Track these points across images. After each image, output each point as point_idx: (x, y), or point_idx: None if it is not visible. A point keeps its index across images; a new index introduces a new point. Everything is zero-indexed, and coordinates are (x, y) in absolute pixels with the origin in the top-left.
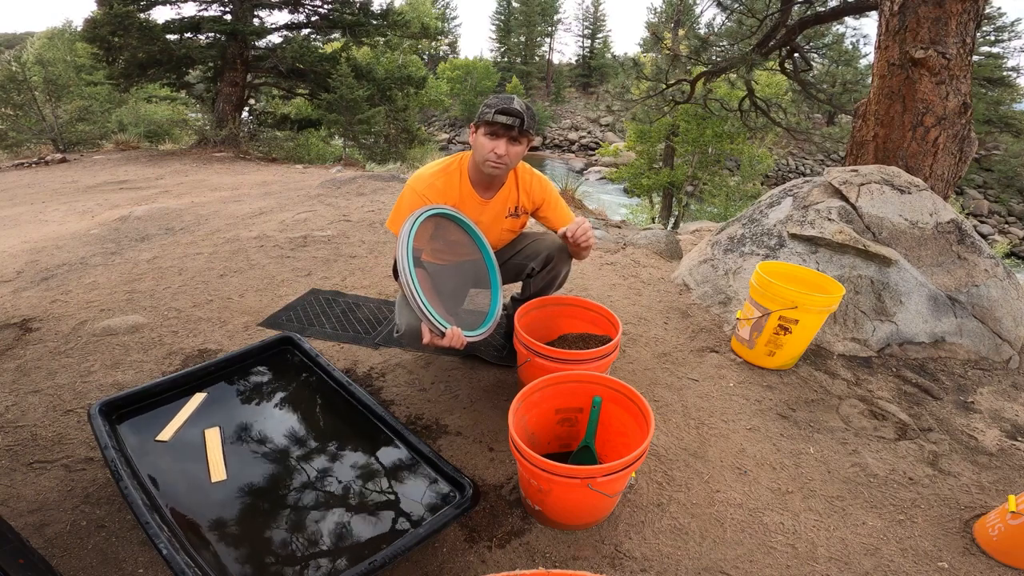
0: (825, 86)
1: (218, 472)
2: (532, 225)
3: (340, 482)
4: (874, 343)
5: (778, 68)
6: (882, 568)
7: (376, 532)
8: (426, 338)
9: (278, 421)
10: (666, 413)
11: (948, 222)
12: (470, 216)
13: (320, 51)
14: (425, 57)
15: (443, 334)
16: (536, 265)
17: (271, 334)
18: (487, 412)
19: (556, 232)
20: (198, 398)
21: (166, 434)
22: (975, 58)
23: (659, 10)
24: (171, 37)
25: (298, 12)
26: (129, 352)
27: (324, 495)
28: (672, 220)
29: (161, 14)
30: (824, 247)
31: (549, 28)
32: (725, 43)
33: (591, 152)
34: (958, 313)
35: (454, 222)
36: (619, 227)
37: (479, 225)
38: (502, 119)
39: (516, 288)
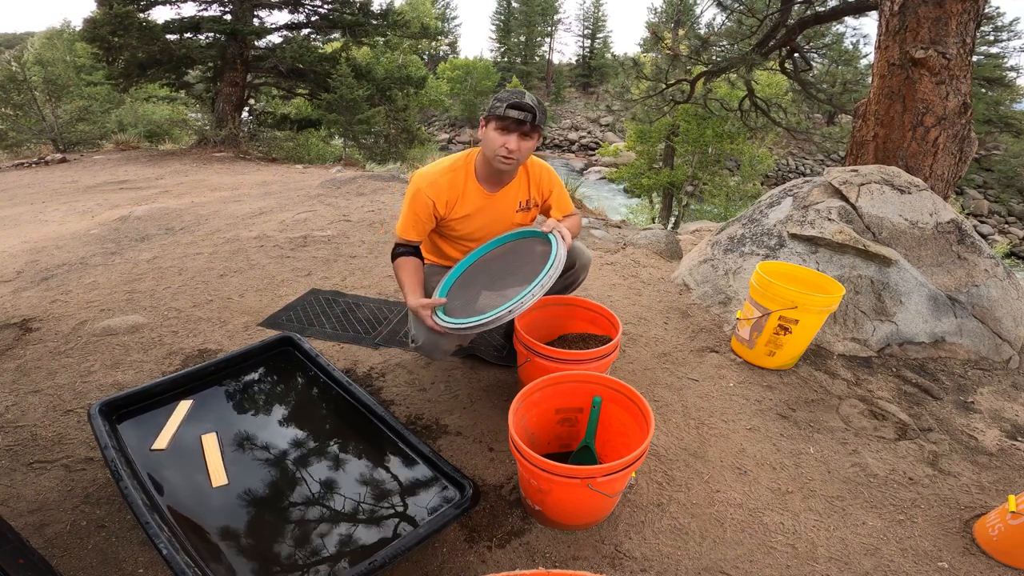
0: (825, 86)
1: (219, 477)
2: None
3: (340, 482)
4: (874, 343)
5: (778, 68)
6: (882, 568)
7: (376, 532)
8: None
9: (278, 422)
10: (666, 413)
11: (948, 222)
12: (471, 207)
13: (320, 51)
14: (425, 57)
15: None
16: None
17: (271, 334)
18: (487, 412)
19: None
20: (185, 406)
21: (162, 442)
22: (975, 58)
23: (659, 10)
24: (171, 37)
25: (298, 12)
26: (129, 352)
27: (324, 495)
28: (672, 220)
29: (161, 14)
30: (824, 247)
31: (549, 28)
32: (725, 43)
33: (591, 152)
34: (958, 313)
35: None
36: (619, 227)
37: (482, 214)
38: (514, 114)
39: None
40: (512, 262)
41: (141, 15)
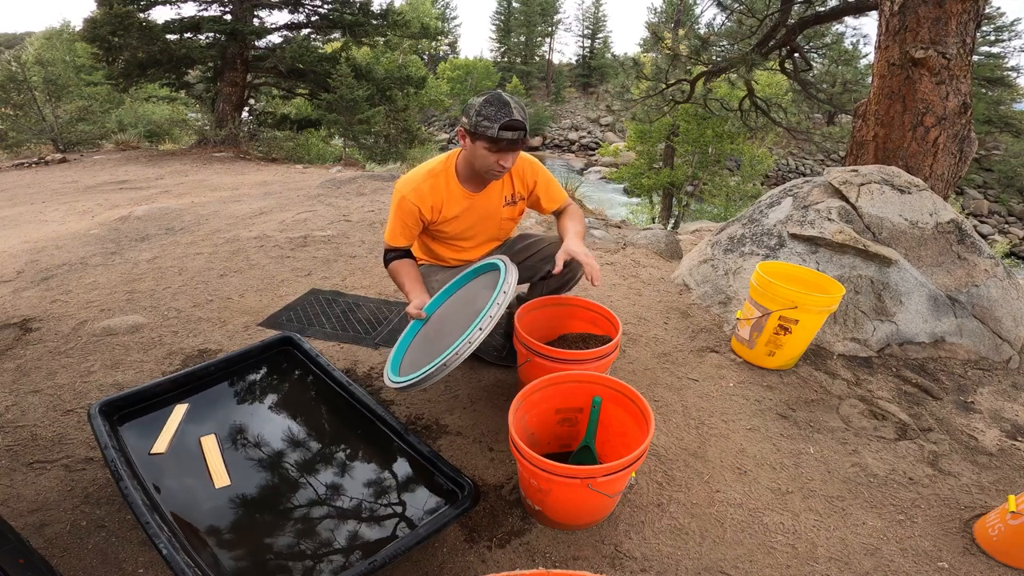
0: (825, 86)
1: (220, 478)
2: (532, 224)
3: (340, 482)
4: (874, 343)
5: (778, 68)
6: (882, 568)
7: (376, 532)
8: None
9: (278, 422)
10: (666, 413)
11: (948, 222)
12: (457, 209)
13: (320, 51)
14: (425, 57)
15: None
16: (551, 268)
17: (271, 334)
18: (487, 412)
19: (547, 212)
20: (181, 409)
21: (160, 445)
22: (975, 58)
23: (659, 10)
24: (171, 37)
25: (298, 12)
26: (129, 352)
27: (324, 495)
28: (672, 220)
29: (161, 14)
30: (824, 247)
31: (549, 28)
32: (725, 43)
33: (591, 152)
34: (958, 313)
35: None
36: (619, 227)
37: (470, 214)
38: (508, 135)
39: (521, 288)
40: (468, 303)
41: (141, 15)
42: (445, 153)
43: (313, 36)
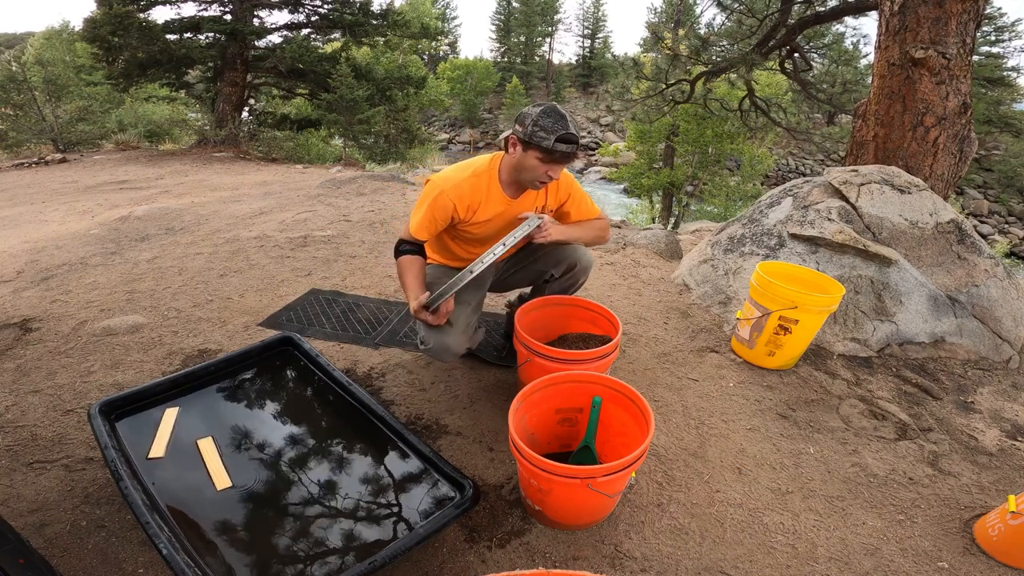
0: (825, 86)
1: (221, 480)
2: None
3: (340, 483)
4: (874, 343)
5: (778, 68)
6: (882, 568)
7: (376, 532)
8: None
9: (278, 422)
10: (666, 413)
11: (948, 222)
12: (492, 212)
13: (320, 51)
14: (425, 57)
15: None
16: (556, 272)
17: (271, 334)
18: (487, 412)
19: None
20: (172, 413)
21: (158, 449)
22: (975, 58)
23: (659, 10)
24: (171, 37)
25: (298, 12)
26: (129, 352)
27: (324, 495)
28: (672, 220)
29: (161, 14)
30: (824, 247)
31: (549, 28)
32: (725, 43)
33: (591, 152)
34: (958, 313)
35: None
36: (619, 227)
37: (501, 218)
38: (563, 147)
39: (524, 288)
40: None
41: (141, 15)
42: (488, 155)
43: (313, 36)
